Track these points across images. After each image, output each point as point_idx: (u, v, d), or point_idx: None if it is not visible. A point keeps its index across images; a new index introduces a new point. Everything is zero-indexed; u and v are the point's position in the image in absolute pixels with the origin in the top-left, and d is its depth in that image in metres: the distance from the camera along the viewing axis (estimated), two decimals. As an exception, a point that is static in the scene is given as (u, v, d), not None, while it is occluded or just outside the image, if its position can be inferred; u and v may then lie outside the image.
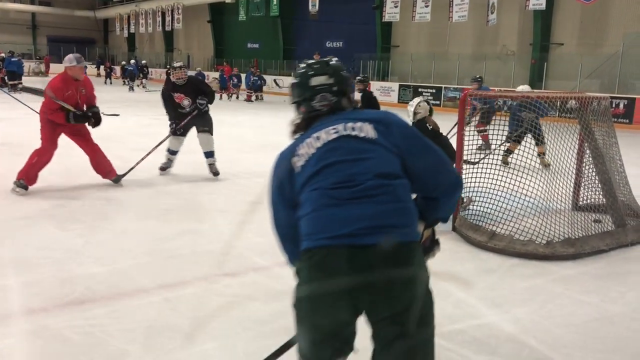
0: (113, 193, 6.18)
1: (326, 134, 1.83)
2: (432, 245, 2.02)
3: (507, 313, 3.45)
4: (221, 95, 22.15)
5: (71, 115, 5.95)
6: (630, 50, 16.84)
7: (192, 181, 7.04)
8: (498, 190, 5.23)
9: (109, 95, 21.06)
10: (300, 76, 2.01)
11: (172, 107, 7.15)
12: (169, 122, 7.21)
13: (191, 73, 7.30)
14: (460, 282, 3.87)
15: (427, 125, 5.62)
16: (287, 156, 1.89)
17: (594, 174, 5.31)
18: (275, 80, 23.17)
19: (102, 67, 35.26)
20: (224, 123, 13.06)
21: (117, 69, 34.61)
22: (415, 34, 23.23)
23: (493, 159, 5.49)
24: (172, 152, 7.33)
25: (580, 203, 5.54)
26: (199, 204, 5.97)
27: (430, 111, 5.87)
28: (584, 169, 5.46)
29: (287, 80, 23.73)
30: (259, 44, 33.32)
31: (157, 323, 3.18)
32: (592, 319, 3.41)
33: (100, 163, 6.41)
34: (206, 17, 35.85)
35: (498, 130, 5.92)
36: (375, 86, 22.32)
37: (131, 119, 14.19)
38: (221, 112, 15.45)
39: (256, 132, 12.75)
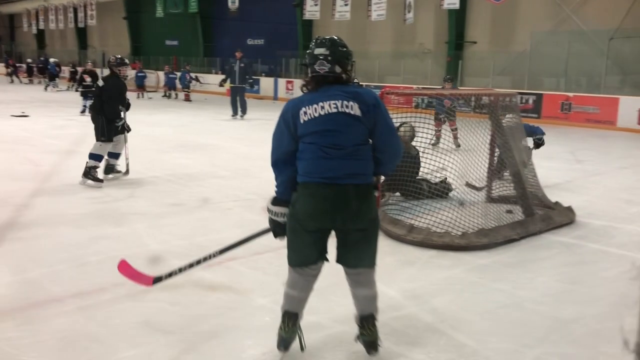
0: (23, 199, 5.86)
1: (329, 107, 2.61)
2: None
3: (426, 303, 3.57)
4: (138, 94, 21.47)
5: None
6: (537, 48, 17.81)
7: (108, 184, 6.77)
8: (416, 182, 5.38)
9: (16, 95, 19.94)
10: (310, 48, 2.74)
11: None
12: (121, 123, 6.74)
13: (107, 71, 6.96)
14: (381, 276, 3.94)
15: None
16: (295, 105, 2.68)
17: (504, 167, 5.58)
18: (197, 77, 22.70)
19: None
20: (142, 123, 12.69)
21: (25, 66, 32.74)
22: (335, 32, 23.34)
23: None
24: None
25: (493, 195, 5.81)
26: (115, 207, 5.76)
27: (412, 137, 5.88)
28: (495, 162, 5.72)
29: (209, 78, 23.37)
30: (177, 41, 32.59)
31: (72, 333, 3.05)
32: (504, 305, 3.59)
33: None
34: (121, 14, 34.64)
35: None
36: (298, 83, 22.35)
37: (42, 120, 13.49)
38: (139, 111, 15.01)
39: (176, 131, 12.46)
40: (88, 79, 15.35)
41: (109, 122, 6.64)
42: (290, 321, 2.79)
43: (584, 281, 4.06)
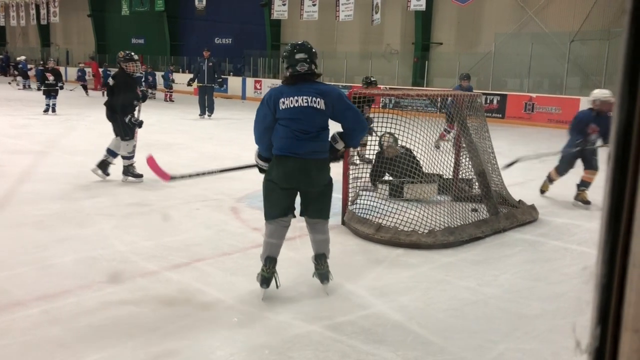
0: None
1: (301, 101, 3.43)
2: (340, 156, 3.81)
3: (394, 302, 3.60)
4: (103, 93, 21.03)
5: None
6: (500, 49, 18.14)
7: (73, 184, 6.65)
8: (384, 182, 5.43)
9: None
10: (289, 52, 3.55)
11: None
12: (128, 118, 6.78)
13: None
14: (349, 274, 3.98)
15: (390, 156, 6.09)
16: (276, 94, 3.49)
17: (469, 166, 5.67)
18: (163, 76, 22.38)
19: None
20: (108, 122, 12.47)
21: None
22: (304, 32, 23.44)
23: (370, 153, 5.67)
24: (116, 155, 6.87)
25: (458, 193, 5.89)
26: (80, 208, 5.65)
27: (396, 142, 6.09)
28: (460, 161, 5.81)
29: (176, 77, 23.06)
30: (144, 39, 32.11)
31: (35, 337, 2.99)
32: (469, 302, 3.65)
33: None
34: (86, 11, 33.93)
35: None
36: (266, 83, 22.32)
37: (4, 119, 13.14)
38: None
39: (143, 130, 12.23)
40: (51, 78, 14.99)
41: (125, 120, 6.75)
42: (271, 264, 3.53)
43: (546, 278, 4.16)
